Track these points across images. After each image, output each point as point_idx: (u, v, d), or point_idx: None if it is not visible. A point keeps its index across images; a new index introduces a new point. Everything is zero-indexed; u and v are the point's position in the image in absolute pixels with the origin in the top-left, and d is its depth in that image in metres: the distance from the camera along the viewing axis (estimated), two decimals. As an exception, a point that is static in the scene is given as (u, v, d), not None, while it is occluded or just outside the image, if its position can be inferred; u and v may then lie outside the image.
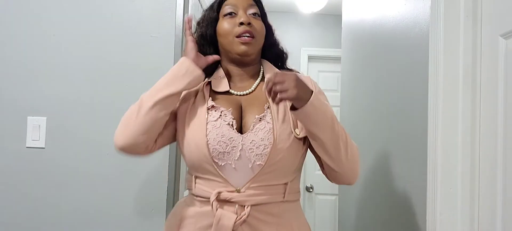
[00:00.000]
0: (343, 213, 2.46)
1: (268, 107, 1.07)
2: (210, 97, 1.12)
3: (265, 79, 1.00)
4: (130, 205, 1.54)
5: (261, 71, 1.18)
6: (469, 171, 1.13)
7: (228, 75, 1.16)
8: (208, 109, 1.08)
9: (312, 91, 0.97)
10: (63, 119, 1.55)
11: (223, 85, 1.13)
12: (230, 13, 1.13)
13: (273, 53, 1.22)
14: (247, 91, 1.13)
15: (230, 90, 1.13)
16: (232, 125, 1.05)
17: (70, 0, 1.58)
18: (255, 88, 1.14)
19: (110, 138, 1.54)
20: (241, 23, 1.10)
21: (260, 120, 1.05)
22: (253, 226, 1.02)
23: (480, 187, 1.11)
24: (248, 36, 1.10)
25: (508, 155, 1.01)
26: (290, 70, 1.20)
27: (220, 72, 1.16)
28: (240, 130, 1.07)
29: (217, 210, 1.00)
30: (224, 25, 1.12)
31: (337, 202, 2.75)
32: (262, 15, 1.18)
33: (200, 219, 1.05)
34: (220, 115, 1.06)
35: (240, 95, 1.13)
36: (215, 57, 1.15)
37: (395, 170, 1.54)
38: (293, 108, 0.98)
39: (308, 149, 1.11)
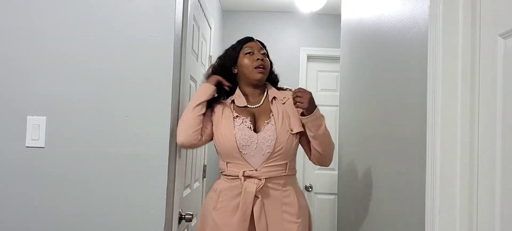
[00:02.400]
0: (342, 212, 2.46)
1: (272, 115, 1.64)
2: (234, 110, 1.67)
3: (293, 92, 1.62)
4: (130, 204, 1.54)
5: (266, 90, 1.74)
6: (468, 170, 1.13)
7: (244, 94, 1.72)
8: (234, 118, 1.64)
9: (316, 107, 1.58)
10: (63, 118, 1.56)
11: (242, 102, 1.69)
12: (249, 53, 1.70)
13: (271, 78, 1.79)
14: (258, 105, 1.70)
15: (247, 105, 1.69)
16: (250, 127, 1.61)
17: (70, 0, 1.58)
18: (263, 103, 1.71)
19: (109, 137, 1.55)
20: (258, 59, 1.67)
21: (267, 124, 1.62)
22: (266, 191, 1.58)
23: (479, 186, 1.12)
24: (262, 68, 1.67)
25: (507, 154, 1.01)
26: (286, 89, 1.78)
27: (239, 93, 1.72)
28: (255, 130, 1.62)
29: (244, 182, 1.56)
30: (245, 60, 1.69)
31: (336, 201, 2.75)
32: (267, 55, 1.76)
33: (232, 190, 1.60)
34: (242, 122, 1.63)
35: (253, 108, 1.69)
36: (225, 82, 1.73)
37: (394, 169, 1.54)
38: (302, 114, 1.59)
39: (300, 146, 1.71)
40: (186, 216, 1.82)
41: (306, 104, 1.54)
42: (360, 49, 2.16)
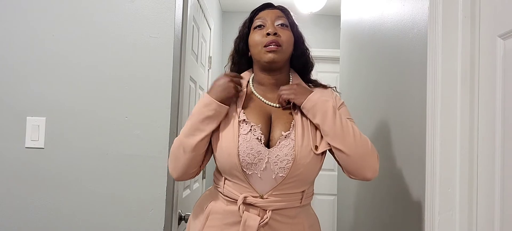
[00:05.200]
0: (342, 213, 2.46)
1: (294, 125, 1.16)
2: (242, 110, 1.20)
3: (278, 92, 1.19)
4: (130, 205, 1.54)
5: (290, 82, 1.27)
6: (467, 171, 1.13)
7: (261, 84, 1.26)
8: (240, 122, 1.17)
9: (311, 92, 1.17)
10: (63, 119, 1.56)
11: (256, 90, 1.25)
12: (259, 26, 1.23)
13: (300, 63, 1.31)
14: (278, 105, 1.22)
15: (263, 99, 1.23)
16: (260, 139, 1.14)
17: (70, 0, 1.58)
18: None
19: (109, 138, 1.55)
20: (268, 34, 1.19)
21: (285, 137, 1.14)
22: (272, 227, 1.15)
23: (479, 187, 1.12)
24: (274, 45, 1.18)
25: (506, 155, 1.01)
26: (324, 86, 1.33)
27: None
28: (268, 143, 1.16)
29: (243, 212, 1.13)
30: (254, 37, 1.23)
31: (336, 202, 2.75)
32: (291, 25, 1.27)
33: (226, 216, 1.18)
34: (250, 129, 1.15)
35: (271, 105, 1.22)
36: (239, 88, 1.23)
37: (394, 170, 1.54)
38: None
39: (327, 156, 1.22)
40: (185, 217, 1.81)
41: (290, 95, 1.17)
42: (359, 50, 2.16)
